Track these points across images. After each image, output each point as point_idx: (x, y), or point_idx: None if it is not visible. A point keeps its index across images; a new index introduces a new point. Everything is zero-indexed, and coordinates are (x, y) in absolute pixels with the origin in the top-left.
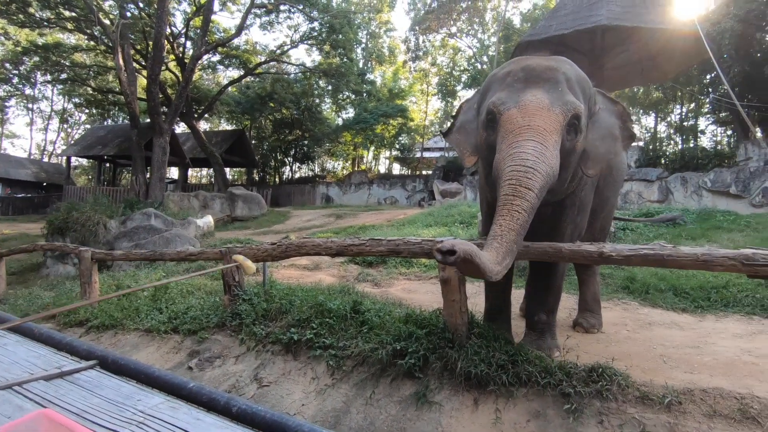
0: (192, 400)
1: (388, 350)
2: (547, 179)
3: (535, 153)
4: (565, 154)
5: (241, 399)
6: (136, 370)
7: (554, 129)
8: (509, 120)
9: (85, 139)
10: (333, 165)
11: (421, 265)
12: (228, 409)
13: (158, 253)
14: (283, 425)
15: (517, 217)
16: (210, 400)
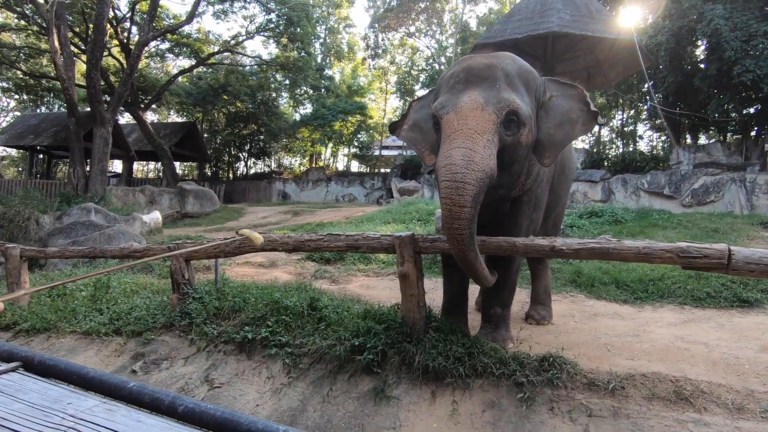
0: (133, 402)
1: (346, 346)
2: (480, 183)
3: (464, 162)
4: (510, 148)
5: (188, 398)
6: (68, 371)
7: (487, 129)
8: (447, 124)
9: (15, 128)
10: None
11: (380, 261)
12: (173, 409)
13: (99, 249)
14: (235, 423)
15: (460, 239)
16: (153, 400)
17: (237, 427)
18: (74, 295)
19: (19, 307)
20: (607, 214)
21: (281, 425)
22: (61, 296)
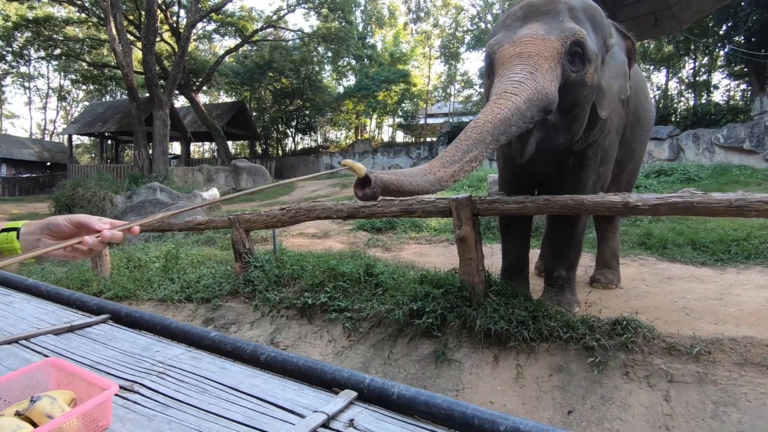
0: (215, 351)
1: (404, 311)
2: (538, 96)
3: (524, 73)
4: (573, 86)
5: (269, 348)
6: (152, 322)
7: (549, 55)
8: (502, 55)
9: (85, 117)
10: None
11: (431, 229)
12: (255, 358)
13: (167, 223)
14: (319, 371)
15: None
16: (235, 349)
17: (322, 375)
18: (149, 266)
19: (103, 278)
20: (677, 172)
21: (367, 375)
22: (138, 267)
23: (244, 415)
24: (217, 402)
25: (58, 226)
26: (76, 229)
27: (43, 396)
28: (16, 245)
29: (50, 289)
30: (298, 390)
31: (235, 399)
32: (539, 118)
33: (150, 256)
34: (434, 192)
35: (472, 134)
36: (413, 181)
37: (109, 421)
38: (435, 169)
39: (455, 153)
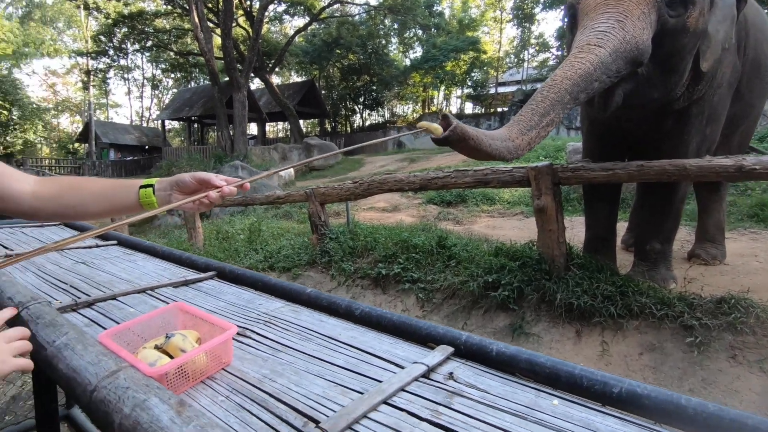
0: (311, 305)
1: (479, 283)
2: (626, 47)
3: (610, 21)
4: (672, 33)
5: (363, 303)
6: (253, 279)
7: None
8: (586, 4)
9: (174, 103)
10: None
11: (504, 201)
12: (350, 312)
13: (249, 198)
14: (414, 327)
15: (574, 65)
16: (330, 304)
17: (416, 330)
18: (235, 238)
19: (198, 248)
20: None
21: (462, 332)
22: (226, 239)
23: (346, 362)
24: (320, 349)
25: (185, 183)
26: (199, 185)
27: (176, 333)
28: (153, 200)
29: (164, 250)
30: (394, 343)
31: (336, 347)
32: (628, 71)
33: (236, 228)
34: (508, 160)
35: (549, 94)
36: (492, 144)
37: (230, 358)
38: (514, 135)
39: (532, 117)
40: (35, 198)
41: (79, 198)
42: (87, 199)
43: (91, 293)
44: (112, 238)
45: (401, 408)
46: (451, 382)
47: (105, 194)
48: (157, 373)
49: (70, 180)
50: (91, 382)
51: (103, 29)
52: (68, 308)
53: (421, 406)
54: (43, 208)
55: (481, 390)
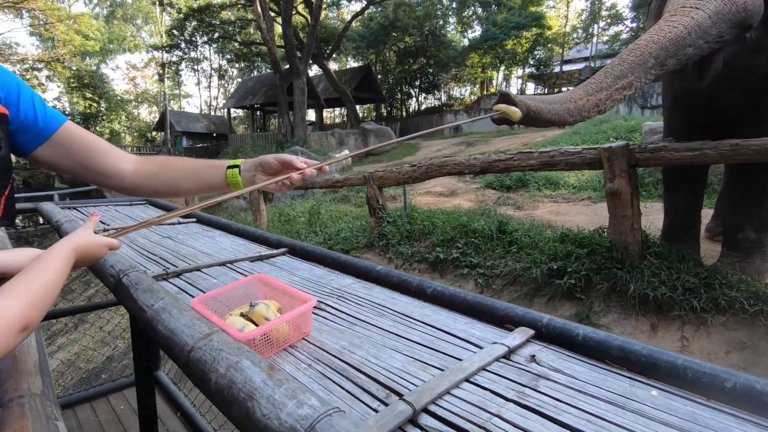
0: (381, 283)
1: (542, 270)
2: (731, 8)
3: None
4: None
5: (433, 282)
6: (323, 256)
7: None
8: None
9: (238, 92)
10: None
11: (570, 186)
12: (422, 291)
13: (310, 181)
14: (489, 307)
15: (663, 29)
16: (401, 282)
17: (492, 311)
18: (296, 220)
19: (262, 230)
20: None
21: (544, 314)
22: (288, 221)
23: (422, 338)
24: (395, 325)
25: (269, 164)
26: (282, 166)
27: (259, 302)
28: (239, 179)
29: (239, 227)
30: (469, 323)
31: (410, 324)
32: (732, 36)
33: (296, 211)
34: (573, 123)
35: (629, 57)
36: (552, 109)
37: (310, 329)
38: (576, 96)
39: (603, 79)
40: (136, 175)
41: (172, 176)
42: (180, 178)
43: (178, 264)
44: (192, 216)
45: (484, 387)
46: (534, 365)
47: (197, 173)
48: (246, 338)
49: (164, 159)
50: (188, 343)
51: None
52: (160, 277)
53: (505, 386)
54: (141, 185)
55: (567, 375)
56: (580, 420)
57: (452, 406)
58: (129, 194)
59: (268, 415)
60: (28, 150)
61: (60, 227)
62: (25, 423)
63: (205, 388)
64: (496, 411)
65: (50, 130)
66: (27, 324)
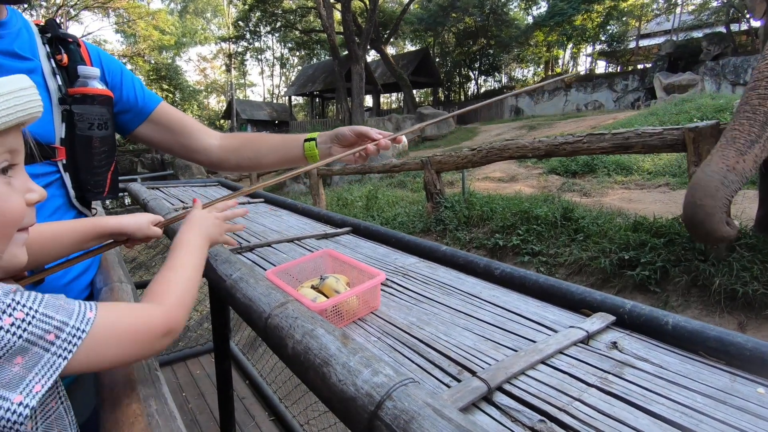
0: (446, 263)
1: (612, 260)
2: None
3: None
4: None
5: (502, 263)
6: (387, 235)
7: None
8: None
9: (299, 80)
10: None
11: (644, 172)
12: (489, 272)
13: (367, 166)
14: (563, 290)
15: None
16: (467, 262)
17: (567, 294)
18: (354, 204)
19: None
20: None
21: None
22: (346, 205)
23: (492, 319)
24: (463, 305)
25: (345, 136)
26: (357, 138)
27: (329, 276)
28: (316, 152)
29: (304, 207)
30: (541, 306)
31: (479, 304)
32: None
33: (354, 195)
34: None
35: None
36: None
37: (378, 303)
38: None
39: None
40: (221, 150)
41: (255, 151)
42: (262, 152)
43: (250, 240)
44: (260, 196)
45: (562, 370)
46: (616, 352)
47: (276, 148)
48: (318, 309)
49: (247, 135)
50: (265, 311)
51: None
52: (235, 251)
53: (586, 371)
54: (226, 159)
55: (655, 365)
56: (674, 411)
57: (528, 387)
58: (215, 168)
59: (344, 381)
60: (131, 128)
61: (146, 204)
62: (130, 370)
63: (282, 353)
64: (577, 395)
65: (148, 109)
66: (171, 327)
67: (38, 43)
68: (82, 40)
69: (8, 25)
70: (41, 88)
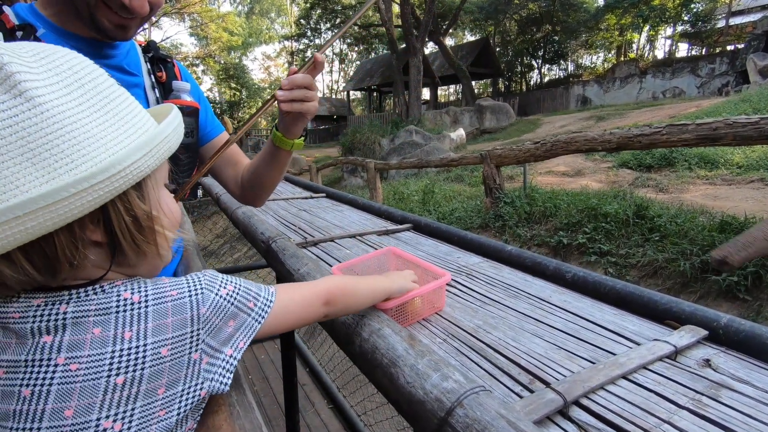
0: (511, 264)
1: (693, 262)
2: None
3: None
4: None
5: (575, 267)
6: (449, 233)
7: None
8: None
9: (357, 74)
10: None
11: (733, 165)
12: (559, 275)
13: (424, 160)
14: (645, 299)
15: None
16: (535, 264)
17: (650, 304)
18: (410, 198)
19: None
20: None
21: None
22: (402, 199)
23: (564, 326)
24: (531, 309)
25: None
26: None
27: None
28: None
29: (365, 202)
30: (619, 315)
31: (549, 309)
32: None
33: (410, 190)
34: None
35: None
36: None
37: (443, 304)
38: None
39: None
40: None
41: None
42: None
43: (314, 235)
44: (322, 191)
45: (647, 387)
46: (709, 370)
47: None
48: (384, 307)
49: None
50: None
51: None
52: (301, 245)
53: (675, 391)
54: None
55: (758, 388)
56: None
57: (609, 404)
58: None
59: (412, 383)
60: None
61: (219, 198)
62: None
63: (348, 349)
64: (666, 417)
65: (211, 135)
66: (329, 299)
67: (141, 60)
68: (174, 60)
69: (119, 46)
70: (142, 100)
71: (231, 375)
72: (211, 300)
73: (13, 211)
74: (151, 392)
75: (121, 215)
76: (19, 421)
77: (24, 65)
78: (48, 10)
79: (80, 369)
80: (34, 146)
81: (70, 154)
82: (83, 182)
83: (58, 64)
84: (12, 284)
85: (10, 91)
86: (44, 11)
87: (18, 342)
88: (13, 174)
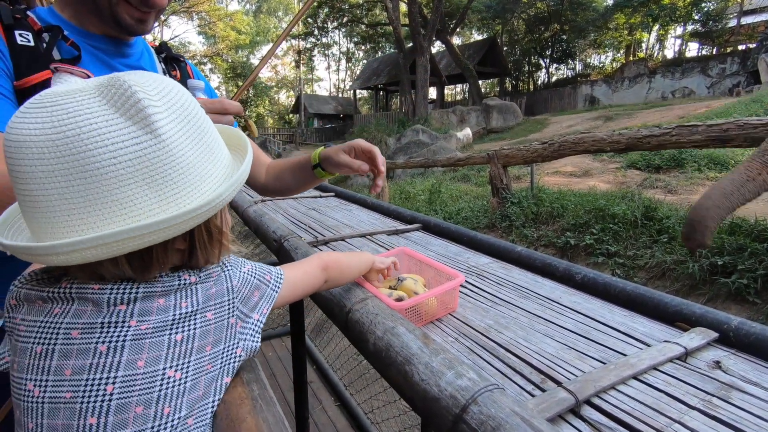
0: (521, 264)
1: (702, 265)
2: None
3: None
4: None
5: (584, 267)
6: (458, 233)
7: None
8: None
9: (364, 73)
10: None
11: None
12: (569, 276)
13: (431, 160)
14: (655, 301)
15: None
16: (545, 265)
17: (660, 305)
18: (417, 198)
19: None
20: None
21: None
22: (408, 198)
23: (574, 326)
24: (542, 309)
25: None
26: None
27: (406, 277)
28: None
29: (374, 202)
30: (629, 316)
31: (559, 310)
32: None
33: (417, 189)
34: None
35: None
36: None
37: (456, 305)
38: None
39: None
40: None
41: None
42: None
43: (324, 234)
44: (330, 190)
45: (657, 388)
46: (719, 372)
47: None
48: (397, 308)
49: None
50: (346, 305)
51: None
52: (312, 244)
53: (685, 392)
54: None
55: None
56: None
57: (620, 403)
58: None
59: (427, 380)
60: None
61: None
62: None
63: (362, 348)
64: (677, 417)
65: None
66: (324, 265)
67: (156, 61)
68: (186, 60)
69: (135, 45)
70: None
71: (259, 335)
72: (238, 275)
73: (134, 231)
74: (201, 349)
75: (202, 231)
76: (96, 372)
77: (152, 101)
78: (66, 12)
79: (149, 328)
80: (156, 176)
81: (185, 187)
82: (193, 212)
83: (175, 100)
84: (108, 277)
85: (140, 124)
86: (62, 13)
87: (94, 309)
88: (134, 198)
